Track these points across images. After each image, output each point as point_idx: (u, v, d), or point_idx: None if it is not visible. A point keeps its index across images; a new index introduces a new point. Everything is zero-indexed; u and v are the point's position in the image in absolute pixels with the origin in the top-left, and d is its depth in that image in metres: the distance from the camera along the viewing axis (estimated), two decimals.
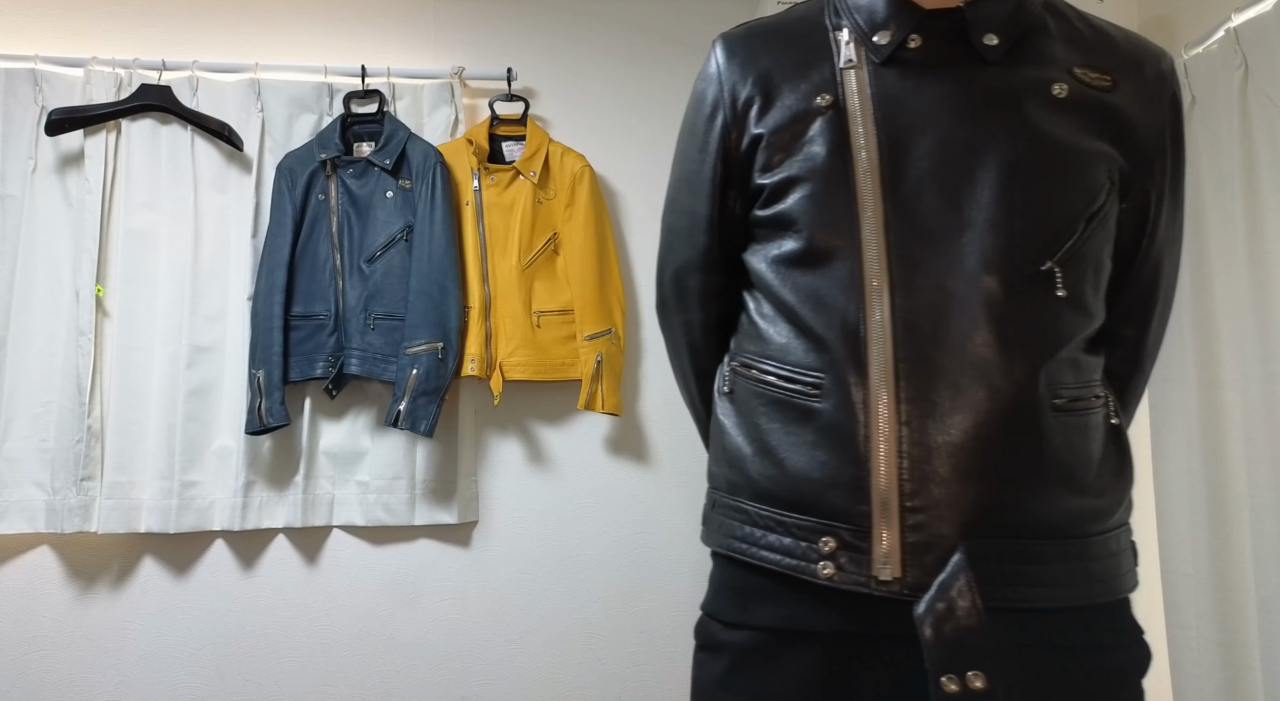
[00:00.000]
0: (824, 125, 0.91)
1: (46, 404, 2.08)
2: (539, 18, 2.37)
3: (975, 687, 0.80)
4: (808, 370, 0.89)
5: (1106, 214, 0.90)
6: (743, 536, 0.92)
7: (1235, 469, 1.83)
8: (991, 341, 0.84)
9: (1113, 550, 0.90)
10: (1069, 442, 0.87)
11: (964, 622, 0.80)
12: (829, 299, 0.88)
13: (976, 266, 0.85)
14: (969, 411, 0.83)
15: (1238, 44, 1.79)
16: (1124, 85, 0.93)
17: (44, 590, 2.12)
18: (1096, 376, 0.93)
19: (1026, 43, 0.92)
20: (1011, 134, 0.88)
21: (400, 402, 2.04)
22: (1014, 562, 0.84)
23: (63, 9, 2.25)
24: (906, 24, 0.91)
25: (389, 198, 2.14)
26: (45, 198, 2.13)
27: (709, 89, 0.99)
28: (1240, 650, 1.82)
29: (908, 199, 0.87)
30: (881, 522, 0.84)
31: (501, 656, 2.21)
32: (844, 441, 0.86)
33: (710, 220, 1.00)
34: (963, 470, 0.83)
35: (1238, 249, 1.80)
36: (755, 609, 0.91)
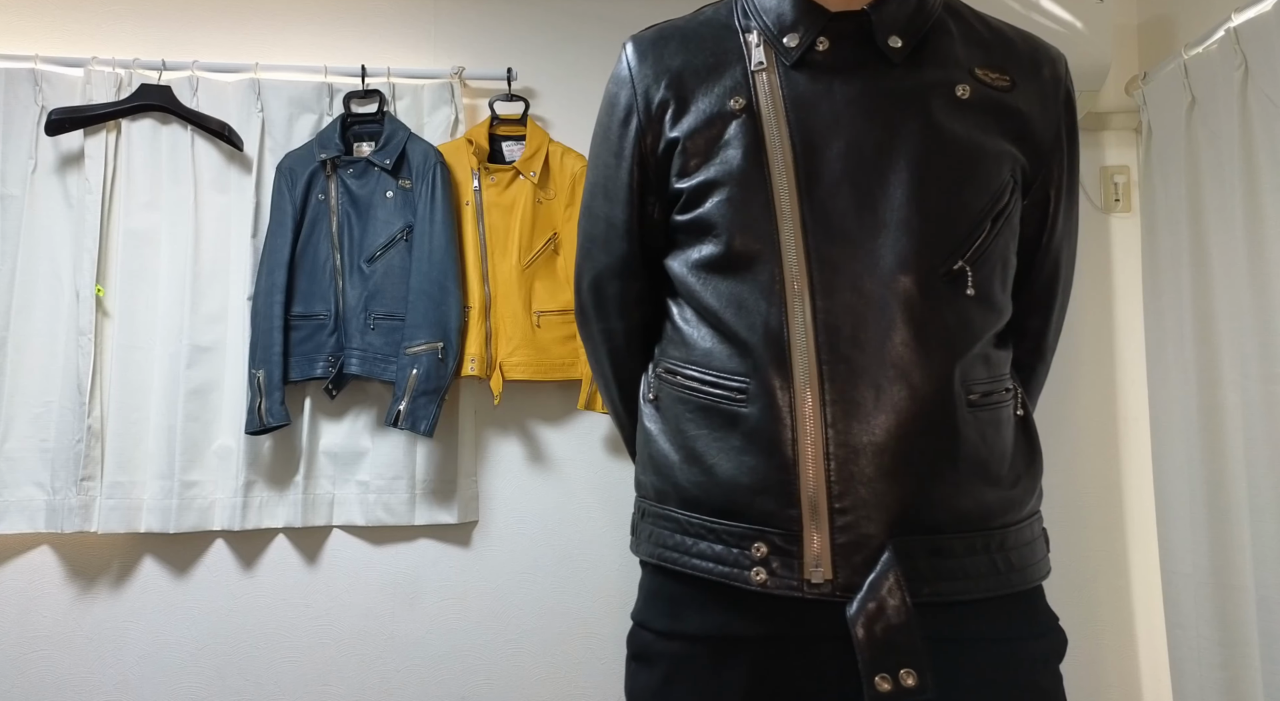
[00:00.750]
0: (738, 128, 0.91)
1: (47, 404, 2.08)
2: (539, 18, 2.37)
3: (907, 685, 0.81)
4: (732, 375, 0.89)
5: (1011, 211, 0.92)
6: (673, 545, 0.92)
7: (1235, 469, 1.84)
8: (909, 341, 0.86)
9: (1027, 539, 0.91)
10: (983, 437, 0.88)
11: (894, 621, 0.81)
12: (750, 303, 0.88)
13: (892, 267, 0.86)
14: (890, 411, 0.85)
15: (1238, 44, 1.79)
16: (1022, 85, 0.94)
17: (44, 590, 2.12)
18: (1006, 370, 0.95)
19: (929, 44, 0.93)
20: (919, 135, 0.89)
21: (400, 402, 2.04)
22: (937, 557, 0.85)
23: (63, 9, 2.25)
24: (814, 27, 0.92)
25: (389, 198, 2.14)
26: (45, 198, 2.13)
27: (621, 92, 0.99)
28: (1240, 650, 1.82)
29: (823, 201, 0.88)
30: (811, 525, 0.85)
31: (501, 656, 2.21)
32: (771, 445, 0.86)
33: (628, 226, 0.99)
34: (886, 469, 0.84)
35: (1238, 249, 1.80)
36: (687, 617, 0.91)
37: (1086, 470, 2.27)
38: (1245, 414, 1.78)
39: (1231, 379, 1.85)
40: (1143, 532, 2.23)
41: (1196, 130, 1.96)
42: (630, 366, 1.05)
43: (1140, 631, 2.23)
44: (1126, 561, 2.25)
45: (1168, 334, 2.04)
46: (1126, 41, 2.34)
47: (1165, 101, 2.07)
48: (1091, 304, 2.31)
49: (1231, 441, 1.85)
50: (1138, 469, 2.25)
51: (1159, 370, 2.09)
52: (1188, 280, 1.95)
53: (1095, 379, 2.30)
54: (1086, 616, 2.23)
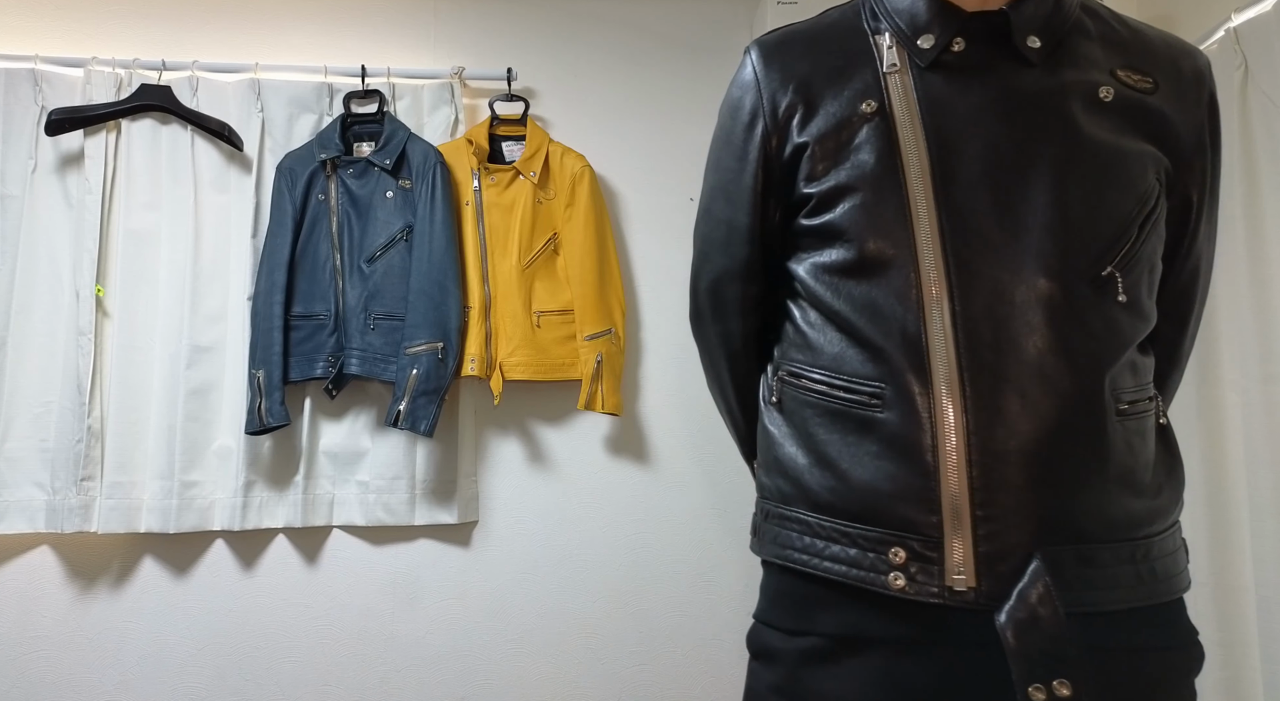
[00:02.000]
0: (870, 132, 0.90)
1: (47, 404, 2.08)
2: (539, 18, 2.37)
3: (1061, 695, 0.80)
4: (866, 380, 0.88)
5: (1158, 216, 0.90)
6: (803, 547, 0.91)
7: (1235, 469, 1.83)
8: (1055, 347, 0.84)
9: (1170, 549, 0.90)
10: (1129, 446, 0.87)
11: (1047, 631, 0.80)
12: (885, 308, 0.87)
13: (1035, 272, 0.84)
14: (1036, 418, 0.83)
15: (1238, 44, 1.79)
16: (1164, 86, 0.92)
17: (44, 590, 2.12)
18: (1150, 378, 0.93)
19: (1067, 45, 0.91)
20: (1060, 137, 0.87)
21: (400, 402, 2.04)
22: (1085, 567, 0.83)
23: (63, 9, 2.25)
24: (950, 27, 0.90)
25: (389, 198, 2.14)
26: (45, 198, 2.13)
27: (747, 96, 0.98)
28: (1240, 650, 1.82)
29: (961, 204, 0.86)
30: (953, 533, 0.84)
31: (501, 656, 2.21)
32: (910, 452, 0.85)
33: (751, 230, 0.99)
34: (1033, 477, 0.83)
35: (1238, 248, 1.79)
36: (817, 616, 0.90)
37: None
38: (1245, 414, 1.78)
39: (1231, 379, 1.85)
40: None
41: None
42: (747, 369, 1.05)
43: None
44: None
45: None
46: None
47: None
48: None
49: (1232, 442, 1.85)
50: None
51: None
52: None
53: None
54: None
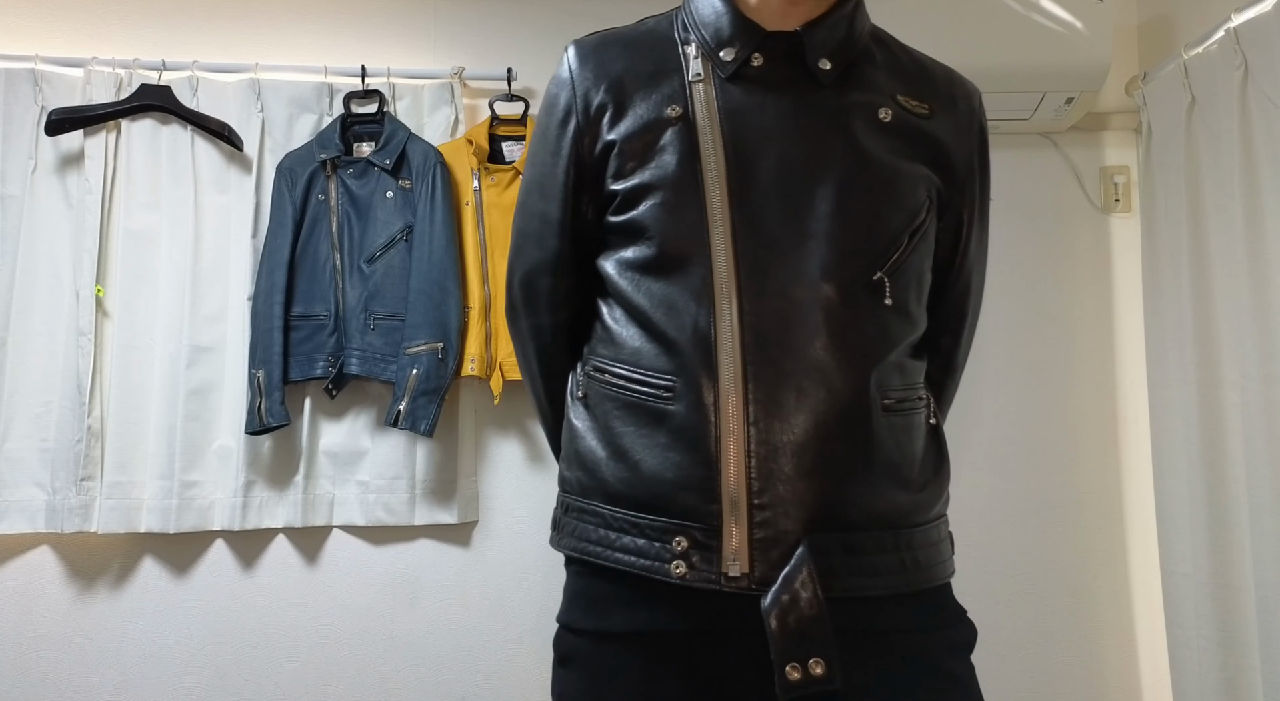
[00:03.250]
0: (674, 135, 0.94)
1: (46, 404, 2.08)
2: (539, 18, 2.37)
3: (815, 674, 0.85)
4: (660, 374, 0.92)
5: (927, 230, 0.97)
6: (597, 540, 0.94)
7: (1235, 469, 1.84)
8: (830, 346, 0.90)
9: (934, 540, 0.96)
10: (896, 441, 0.93)
11: (806, 613, 0.85)
12: (680, 305, 0.91)
13: (816, 275, 0.90)
14: (810, 412, 0.88)
15: (1238, 44, 1.79)
16: (940, 114, 1.00)
17: (44, 590, 2.12)
18: (919, 380, 1.00)
19: (855, 69, 0.98)
20: (843, 152, 0.94)
21: (400, 402, 2.04)
22: (850, 554, 0.89)
23: (63, 9, 2.25)
24: (750, 43, 0.96)
25: (389, 198, 2.14)
26: (45, 198, 2.13)
27: (561, 93, 1.02)
28: (1240, 650, 1.82)
29: (754, 209, 0.92)
30: (731, 520, 0.88)
31: (501, 656, 2.21)
32: (695, 442, 0.89)
33: (562, 223, 1.02)
34: (805, 468, 0.88)
35: (1237, 249, 1.80)
36: (611, 615, 0.94)
37: (1086, 470, 2.27)
38: (1245, 414, 1.78)
39: (1231, 379, 1.85)
40: (1143, 533, 2.23)
41: (1196, 130, 1.96)
42: (558, 363, 1.08)
43: (1140, 632, 2.22)
44: (1126, 561, 2.25)
45: (1168, 334, 2.04)
46: (1126, 41, 2.34)
47: (1165, 101, 2.07)
48: (1091, 304, 2.31)
49: (1231, 441, 1.85)
50: (1137, 469, 2.25)
51: (1159, 370, 2.09)
52: (1187, 280, 1.95)
53: (1095, 379, 2.30)
54: (1086, 616, 2.23)
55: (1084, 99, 2.13)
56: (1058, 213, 2.33)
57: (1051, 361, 2.30)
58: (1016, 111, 2.18)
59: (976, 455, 2.27)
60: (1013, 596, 2.24)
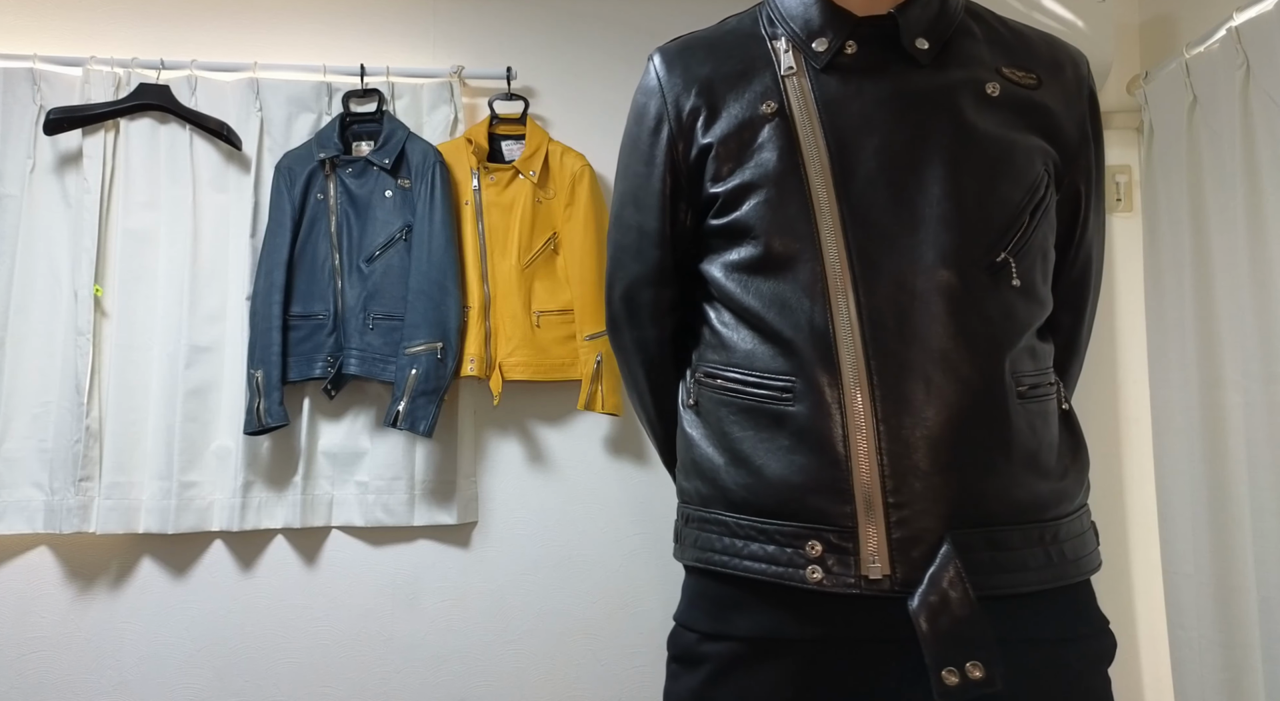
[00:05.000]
0: (771, 131, 0.92)
1: (45, 404, 2.08)
2: (539, 17, 2.36)
3: (974, 677, 0.81)
4: (777, 375, 0.89)
5: (1048, 205, 0.94)
6: (723, 549, 0.92)
7: (1236, 469, 1.83)
8: (956, 334, 0.86)
9: (1078, 531, 0.92)
10: (1033, 428, 0.89)
11: (958, 614, 0.81)
12: (793, 302, 0.89)
13: (934, 261, 0.87)
14: (941, 404, 0.85)
15: (1239, 43, 1.79)
16: (1047, 83, 0.96)
17: (42, 591, 2.12)
18: (1049, 363, 0.96)
19: (954, 46, 0.95)
20: (950, 132, 0.91)
21: (399, 403, 2.04)
22: (994, 550, 0.85)
23: (61, 9, 2.25)
24: (842, 31, 0.94)
25: (388, 197, 2.14)
26: (44, 197, 2.12)
27: (651, 102, 1.00)
28: (1241, 650, 1.82)
29: (860, 199, 0.89)
30: (867, 521, 0.84)
31: (501, 656, 2.21)
32: (822, 443, 0.86)
33: (661, 234, 1.00)
34: (941, 462, 0.84)
35: (1239, 249, 1.79)
36: (734, 619, 0.91)
37: None
38: (1247, 414, 1.77)
39: (1233, 379, 1.84)
40: (1144, 533, 2.22)
41: (1198, 129, 1.95)
42: (664, 374, 1.06)
43: (1142, 632, 2.22)
44: (1128, 562, 2.24)
45: (1169, 334, 2.04)
46: (1128, 41, 2.33)
47: (1167, 101, 2.06)
48: None
49: (1233, 442, 1.84)
50: (1139, 469, 2.25)
51: (1160, 370, 2.09)
52: (1189, 280, 1.95)
53: (1097, 379, 2.29)
54: None
55: None
56: None
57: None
58: None
59: None
60: None
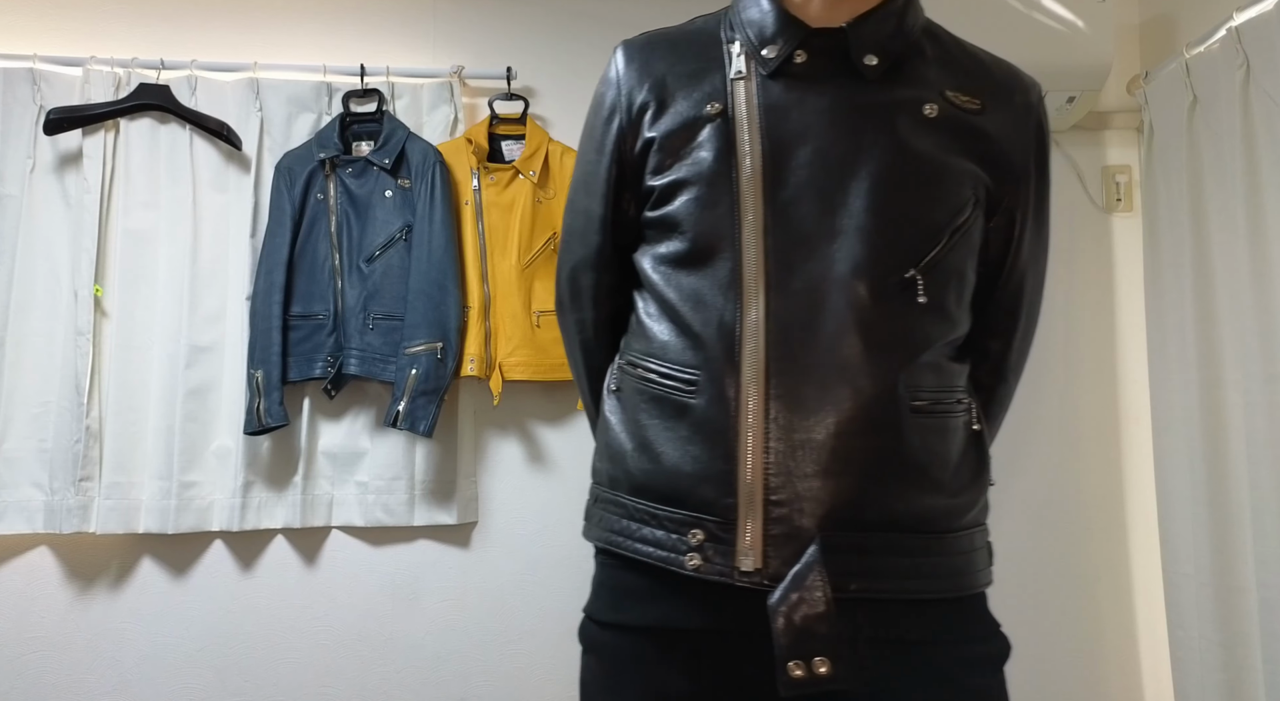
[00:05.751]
0: (712, 132, 0.95)
1: (45, 404, 2.08)
2: (539, 17, 2.36)
3: (820, 673, 0.84)
4: (685, 367, 0.92)
5: (970, 228, 0.95)
6: (620, 530, 0.96)
7: (1237, 469, 1.83)
8: (857, 343, 0.88)
9: (965, 548, 0.94)
10: (925, 443, 0.91)
11: (813, 611, 0.84)
12: (708, 298, 0.92)
13: (846, 272, 0.89)
14: (833, 410, 0.87)
15: (1239, 43, 1.79)
16: (993, 110, 0.97)
17: (42, 591, 2.12)
18: (959, 383, 0.97)
19: (904, 64, 0.97)
20: (883, 148, 0.92)
21: (399, 403, 2.04)
22: (866, 555, 0.88)
23: (61, 9, 2.25)
24: (793, 40, 0.96)
25: (388, 197, 2.14)
26: (44, 197, 2.12)
27: (608, 93, 1.03)
28: (1242, 650, 1.82)
29: (786, 205, 0.91)
30: (747, 515, 0.88)
31: (501, 656, 2.21)
32: (715, 436, 0.89)
33: (604, 220, 1.03)
34: (825, 466, 0.87)
35: (1239, 248, 1.79)
36: (629, 608, 0.95)
37: (1088, 470, 2.27)
38: (1247, 414, 1.78)
39: (1233, 379, 1.84)
40: (1144, 533, 2.23)
41: (1198, 129, 1.95)
42: (600, 357, 1.09)
43: (1142, 632, 2.22)
44: (1128, 562, 2.24)
45: (1169, 334, 2.04)
46: (1128, 41, 2.33)
47: (1167, 101, 2.06)
48: (1093, 304, 2.31)
49: (1233, 441, 1.84)
50: (1139, 469, 2.25)
51: (1161, 370, 2.09)
52: (1189, 280, 1.95)
53: (1097, 379, 2.29)
54: (1088, 617, 2.22)
55: (1085, 98, 2.13)
56: (1059, 212, 2.32)
57: (1053, 361, 2.29)
58: None
59: None
60: (1014, 596, 2.23)
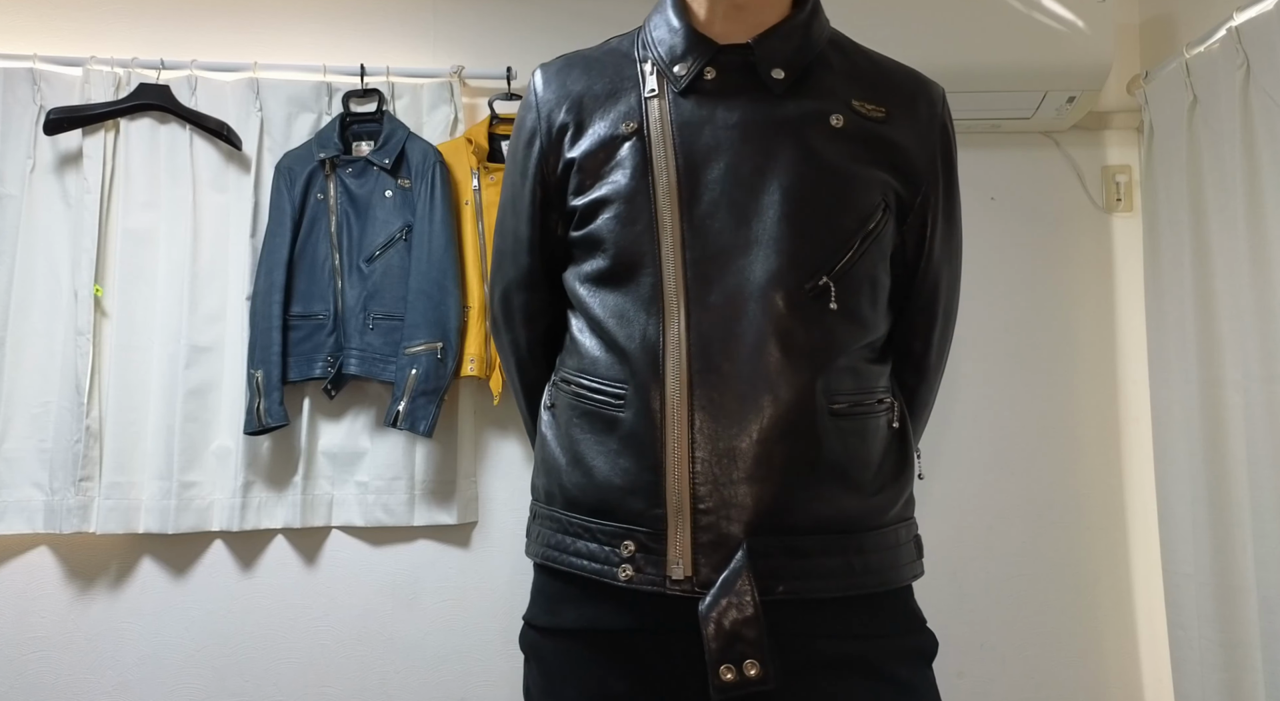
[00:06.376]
0: (629, 150, 0.97)
1: (45, 404, 2.07)
2: (539, 17, 2.36)
3: (750, 675, 0.86)
4: (613, 381, 0.95)
5: (880, 234, 0.98)
6: (555, 545, 0.98)
7: (1237, 469, 1.83)
8: (775, 352, 0.91)
9: (889, 544, 0.97)
10: (845, 445, 0.93)
11: (741, 614, 0.86)
12: (631, 314, 0.94)
13: (762, 282, 0.92)
14: (754, 418, 0.90)
15: (1239, 43, 1.79)
16: (897, 117, 1.00)
17: (42, 591, 2.12)
18: (880, 384, 1.00)
19: (811, 76, 0.99)
20: (793, 159, 0.95)
21: (399, 403, 2.04)
22: (792, 557, 0.90)
23: (61, 8, 2.25)
24: (702, 57, 0.98)
25: (388, 197, 2.14)
26: (44, 197, 2.12)
27: (528, 116, 1.06)
28: (1241, 650, 1.82)
29: (702, 219, 0.94)
30: (675, 524, 0.90)
31: (501, 657, 2.21)
32: (643, 448, 0.91)
33: (531, 241, 1.05)
34: (747, 473, 0.89)
35: (1239, 248, 1.79)
36: (563, 612, 0.98)
37: (1088, 470, 2.27)
38: (1247, 414, 1.78)
39: (1233, 379, 1.84)
40: (1144, 533, 2.22)
41: (1198, 129, 1.95)
42: (535, 374, 1.11)
43: (1142, 632, 2.22)
44: (1128, 562, 2.24)
45: (1169, 334, 2.04)
46: (1128, 40, 2.33)
47: (1167, 101, 2.06)
48: (1093, 304, 2.31)
49: (1233, 442, 1.84)
50: (1139, 469, 2.25)
51: (1161, 370, 2.09)
52: (1190, 280, 1.95)
53: (1097, 379, 2.29)
54: (1088, 617, 2.22)
55: (1085, 98, 2.12)
56: (1059, 212, 2.32)
57: (1053, 361, 2.29)
58: (1018, 110, 2.18)
59: (978, 455, 2.27)
60: (1014, 596, 2.23)
